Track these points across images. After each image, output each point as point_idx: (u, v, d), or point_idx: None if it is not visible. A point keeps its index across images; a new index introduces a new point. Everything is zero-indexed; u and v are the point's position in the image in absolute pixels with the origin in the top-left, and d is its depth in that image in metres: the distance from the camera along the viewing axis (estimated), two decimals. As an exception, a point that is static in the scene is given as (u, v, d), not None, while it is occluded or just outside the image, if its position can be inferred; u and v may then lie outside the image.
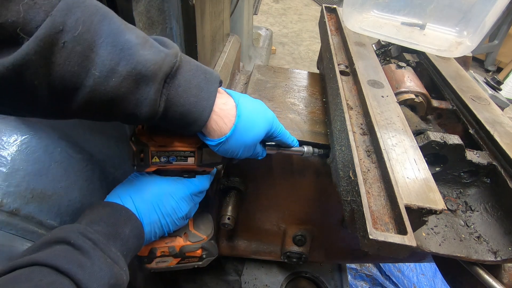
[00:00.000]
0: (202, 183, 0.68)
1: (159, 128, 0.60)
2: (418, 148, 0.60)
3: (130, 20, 0.64)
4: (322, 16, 1.16)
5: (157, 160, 0.62)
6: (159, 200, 0.62)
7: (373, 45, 1.06)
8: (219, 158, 0.66)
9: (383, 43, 1.08)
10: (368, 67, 0.85)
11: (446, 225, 0.62)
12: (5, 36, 0.34)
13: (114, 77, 0.41)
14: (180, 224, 0.67)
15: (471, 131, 0.73)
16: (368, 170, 0.56)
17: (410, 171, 0.54)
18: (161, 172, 0.66)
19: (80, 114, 0.44)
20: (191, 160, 0.64)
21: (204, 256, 0.76)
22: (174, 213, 0.64)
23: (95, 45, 0.40)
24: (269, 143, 0.72)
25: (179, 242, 0.72)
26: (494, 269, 0.63)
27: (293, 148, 0.74)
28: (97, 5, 0.41)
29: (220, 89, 0.58)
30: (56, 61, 0.37)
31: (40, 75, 0.37)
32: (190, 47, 0.72)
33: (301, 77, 1.09)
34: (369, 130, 0.64)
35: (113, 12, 0.44)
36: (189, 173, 0.67)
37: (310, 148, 0.75)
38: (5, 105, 0.40)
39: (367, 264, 1.85)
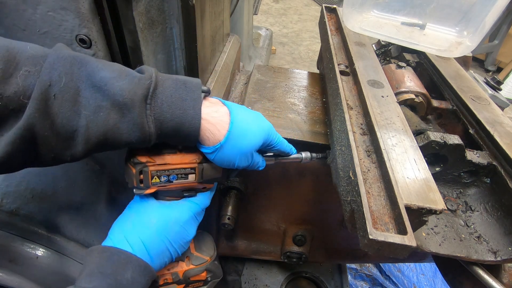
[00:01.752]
0: (203, 201, 0.67)
1: (156, 146, 0.58)
2: (418, 148, 0.60)
3: (130, 20, 0.64)
4: (322, 16, 1.16)
5: (158, 180, 0.59)
6: (164, 230, 0.60)
7: (373, 45, 1.06)
8: (219, 173, 0.64)
9: (383, 43, 1.08)
10: (368, 67, 0.85)
11: (446, 225, 0.62)
12: (12, 105, 0.42)
13: (101, 112, 0.47)
14: (187, 246, 0.65)
15: (471, 131, 0.73)
16: (368, 170, 0.56)
17: (410, 171, 0.54)
18: (160, 193, 0.63)
19: (86, 152, 0.49)
20: (191, 177, 0.62)
21: (209, 279, 0.73)
22: (182, 238, 0.63)
23: (80, 89, 0.46)
24: (268, 154, 0.71)
25: (182, 267, 0.69)
26: (494, 269, 0.63)
27: (291, 156, 0.73)
28: (74, 55, 0.47)
29: (211, 98, 0.61)
30: (53, 111, 0.44)
31: (46, 127, 0.44)
32: (190, 47, 0.72)
33: (301, 77, 1.09)
34: (369, 130, 0.64)
35: (88, 56, 0.49)
36: (189, 191, 0.65)
37: (308, 154, 0.75)
38: (27, 163, 0.47)
39: (367, 264, 1.85)
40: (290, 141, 0.82)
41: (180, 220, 0.62)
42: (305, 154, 0.74)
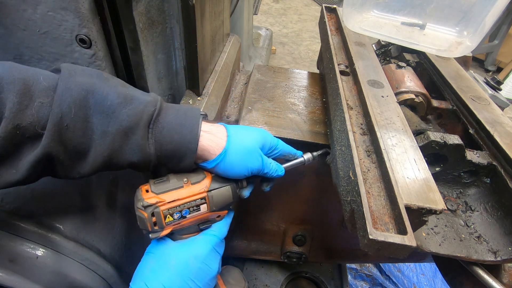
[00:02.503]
0: (220, 231, 0.66)
1: (162, 183, 0.60)
2: (418, 148, 0.60)
3: (130, 20, 0.64)
4: (322, 16, 1.16)
5: (171, 218, 0.59)
6: (185, 269, 0.59)
7: (373, 45, 1.06)
8: (230, 197, 0.64)
9: (383, 43, 1.08)
10: (368, 67, 0.85)
11: (446, 225, 0.62)
12: (29, 134, 0.47)
13: (108, 136, 0.52)
14: (213, 283, 0.64)
15: (471, 131, 0.73)
16: (368, 170, 0.56)
17: (410, 171, 0.54)
18: (176, 232, 0.62)
19: (93, 171, 0.54)
20: (204, 208, 0.62)
21: None
22: (206, 275, 0.61)
23: (88, 116, 0.51)
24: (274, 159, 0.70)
25: None
26: (494, 269, 0.63)
27: (295, 161, 0.73)
28: (80, 84, 0.50)
29: (206, 121, 0.64)
30: (66, 138, 0.49)
31: (60, 152, 0.49)
32: (190, 47, 0.72)
33: (301, 77, 1.09)
34: (369, 130, 0.64)
35: (94, 83, 0.52)
36: (204, 224, 0.64)
37: (309, 155, 0.74)
38: (43, 177, 0.53)
39: (367, 264, 1.85)
40: (290, 141, 0.82)
41: (200, 256, 0.61)
42: (306, 156, 0.74)
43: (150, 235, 0.60)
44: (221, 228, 0.66)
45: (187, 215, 0.60)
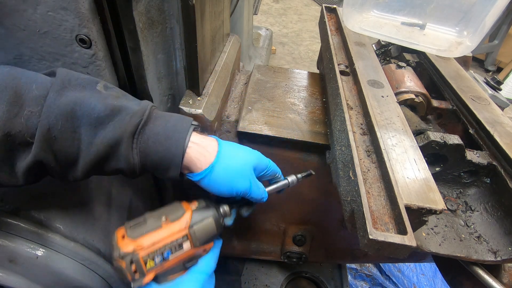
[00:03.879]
0: (208, 266, 0.62)
1: (138, 226, 0.57)
2: (418, 148, 0.60)
3: (130, 20, 0.64)
4: (322, 16, 1.16)
5: (152, 264, 0.54)
6: None
7: (373, 45, 1.06)
8: (214, 229, 0.60)
9: (383, 43, 1.08)
10: (368, 67, 0.85)
11: (446, 225, 0.62)
12: (19, 141, 0.48)
13: (94, 146, 0.53)
14: None
15: (471, 131, 0.73)
16: (368, 170, 0.56)
17: (410, 171, 0.54)
18: (161, 275, 0.58)
19: (85, 175, 0.55)
20: (187, 246, 0.58)
21: None
22: None
23: (75, 127, 0.52)
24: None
25: None
26: (494, 269, 0.63)
27: (279, 184, 0.71)
28: (67, 97, 0.51)
29: (199, 133, 0.62)
30: (56, 148, 0.51)
31: (51, 159, 0.51)
32: (190, 47, 0.72)
33: (301, 77, 1.09)
34: (369, 130, 0.64)
35: (83, 95, 0.53)
36: (190, 261, 0.61)
37: (294, 177, 0.72)
38: (44, 176, 0.55)
39: (367, 264, 1.85)
40: (290, 141, 0.82)
41: None
42: (291, 178, 0.72)
43: (132, 285, 0.55)
44: (208, 262, 0.62)
45: (169, 256, 0.55)
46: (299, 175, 0.73)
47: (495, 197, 0.63)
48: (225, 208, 0.65)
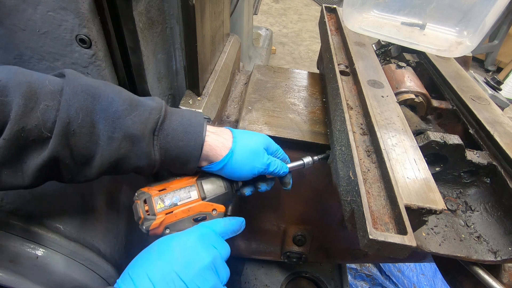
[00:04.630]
0: (215, 223, 0.60)
1: (157, 178, 0.65)
2: (418, 148, 0.60)
3: (130, 20, 0.64)
4: (322, 16, 1.16)
5: (162, 205, 0.60)
6: (168, 255, 0.52)
7: (373, 45, 1.06)
8: (222, 187, 0.65)
9: (383, 43, 1.08)
10: (368, 67, 0.85)
11: (446, 225, 0.62)
12: (34, 137, 0.47)
13: (114, 142, 0.52)
14: (208, 276, 0.53)
15: (471, 131, 0.73)
16: (368, 170, 0.56)
17: (410, 171, 0.54)
18: (171, 228, 0.61)
19: (99, 175, 0.54)
20: (194, 195, 0.63)
21: None
22: (193, 263, 0.52)
23: (95, 122, 0.51)
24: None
25: None
26: (494, 269, 0.63)
27: (294, 164, 0.73)
28: (87, 89, 0.51)
29: (211, 125, 0.66)
30: (73, 143, 0.50)
31: (67, 156, 0.50)
32: (190, 47, 0.72)
33: (301, 77, 1.09)
34: (369, 130, 0.64)
35: (99, 86, 0.53)
36: (199, 218, 0.63)
37: (309, 158, 0.74)
38: (49, 181, 0.54)
39: (367, 264, 1.85)
40: (290, 141, 0.82)
41: (183, 241, 0.54)
42: (306, 159, 0.74)
43: (144, 225, 0.60)
44: (216, 221, 0.61)
45: (178, 202, 0.62)
46: (315, 157, 0.75)
47: (495, 197, 0.63)
48: (239, 183, 0.69)
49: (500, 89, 0.96)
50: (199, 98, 0.79)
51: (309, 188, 0.92)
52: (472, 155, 0.64)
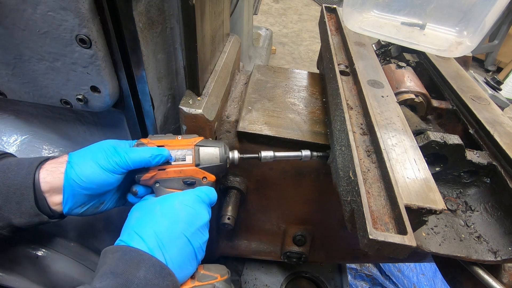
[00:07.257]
0: (205, 190, 0.66)
1: (159, 136, 0.68)
2: (418, 148, 0.60)
3: (130, 20, 0.64)
4: (322, 16, 1.16)
5: None
6: (172, 213, 0.59)
7: (373, 45, 1.06)
8: (217, 158, 0.67)
9: (383, 43, 1.08)
10: (368, 67, 0.85)
11: (446, 225, 0.62)
12: None
13: None
14: (206, 234, 0.63)
15: (471, 131, 0.73)
16: (368, 170, 0.56)
17: (410, 171, 0.54)
18: (161, 184, 0.65)
19: None
20: (189, 160, 0.65)
21: None
22: (195, 219, 0.60)
23: None
24: (267, 152, 0.74)
25: (187, 284, 0.61)
26: (494, 269, 0.63)
27: (291, 154, 0.74)
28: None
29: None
30: None
31: None
32: (190, 47, 0.72)
33: (301, 77, 1.09)
34: (369, 130, 0.64)
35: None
36: (189, 182, 0.66)
37: (308, 152, 0.75)
38: None
39: (367, 264, 1.85)
40: (290, 141, 0.82)
41: (184, 200, 0.61)
42: (305, 152, 0.75)
43: (136, 176, 0.64)
44: (206, 188, 0.66)
45: (172, 161, 0.64)
46: (314, 153, 0.76)
47: (495, 197, 0.63)
48: (235, 153, 0.72)
49: (500, 89, 0.96)
50: (199, 98, 0.79)
51: (309, 188, 0.92)
52: (472, 155, 0.64)
